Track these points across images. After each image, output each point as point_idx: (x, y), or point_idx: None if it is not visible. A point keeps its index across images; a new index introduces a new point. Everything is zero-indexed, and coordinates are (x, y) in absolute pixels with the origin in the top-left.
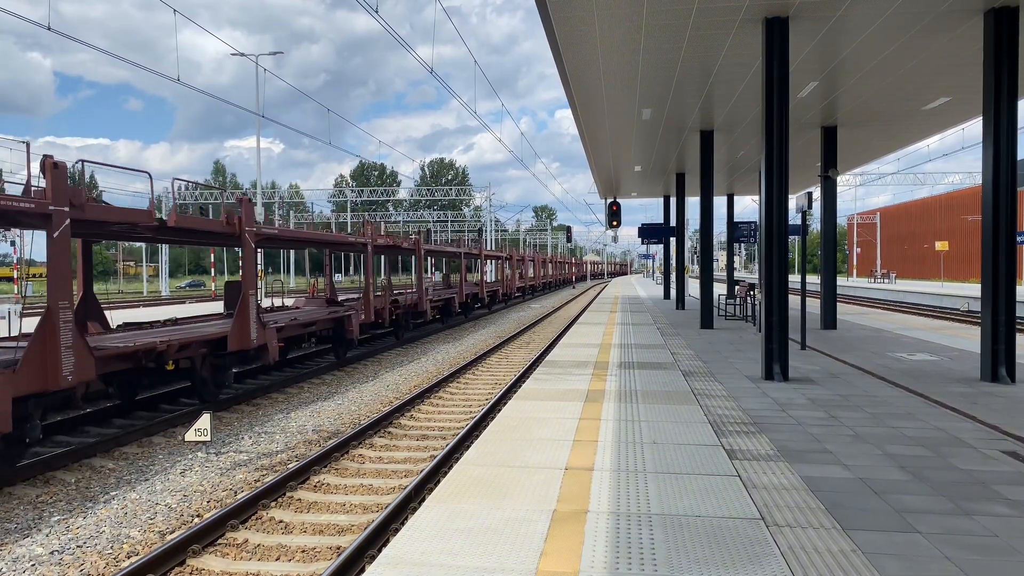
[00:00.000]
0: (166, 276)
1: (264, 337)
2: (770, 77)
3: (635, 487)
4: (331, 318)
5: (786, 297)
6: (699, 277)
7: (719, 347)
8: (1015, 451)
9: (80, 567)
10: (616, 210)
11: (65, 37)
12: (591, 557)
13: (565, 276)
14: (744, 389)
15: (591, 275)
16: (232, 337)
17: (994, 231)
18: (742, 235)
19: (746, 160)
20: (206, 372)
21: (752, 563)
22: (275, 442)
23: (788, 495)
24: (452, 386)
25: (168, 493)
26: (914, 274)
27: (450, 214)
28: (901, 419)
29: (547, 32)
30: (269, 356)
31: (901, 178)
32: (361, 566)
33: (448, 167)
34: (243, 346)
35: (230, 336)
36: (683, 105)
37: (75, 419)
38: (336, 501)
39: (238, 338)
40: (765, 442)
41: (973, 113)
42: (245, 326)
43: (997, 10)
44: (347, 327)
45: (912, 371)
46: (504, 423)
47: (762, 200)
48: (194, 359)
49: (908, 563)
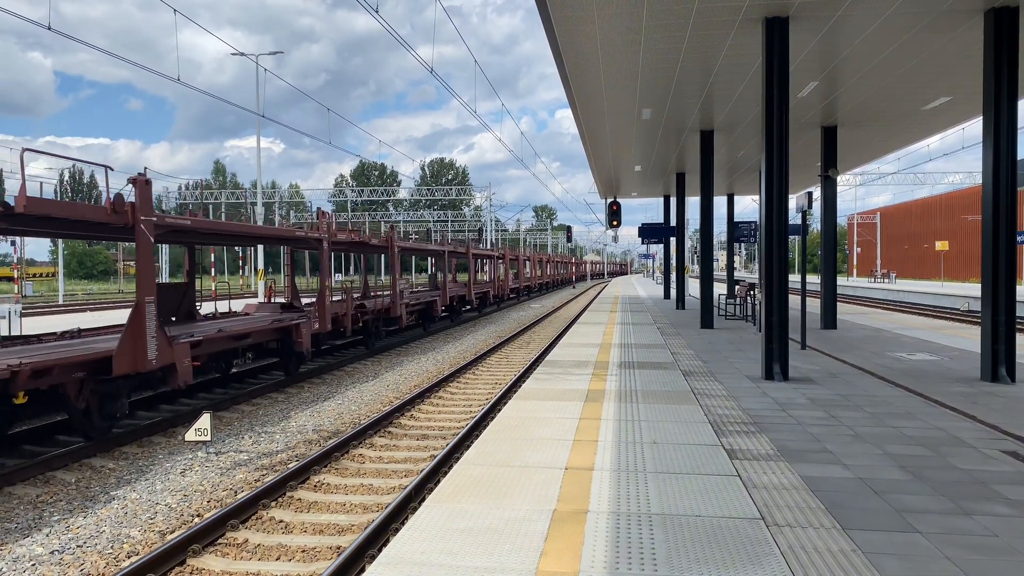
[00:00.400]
0: (166, 276)
1: (171, 355)
2: (770, 77)
3: (635, 487)
4: (273, 328)
5: (786, 297)
6: (699, 277)
7: (719, 347)
8: (1015, 451)
9: (80, 567)
10: (616, 210)
11: (65, 37)
12: (591, 557)
13: (565, 276)
14: (744, 389)
15: (591, 275)
16: (119, 357)
17: (994, 231)
18: (742, 235)
19: (746, 160)
20: (88, 402)
21: (752, 563)
22: (275, 442)
23: (788, 495)
24: (452, 386)
25: (168, 493)
26: (914, 274)
27: (450, 214)
28: (901, 419)
29: (547, 32)
30: (178, 378)
31: (901, 178)
32: (361, 566)
33: (448, 167)
34: (136, 368)
35: (116, 356)
36: (683, 105)
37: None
38: (336, 501)
39: (129, 358)
40: (765, 442)
41: (973, 113)
42: (139, 342)
43: (997, 10)
44: (295, 338)
45: (912, 371)
46: (504, 423)
47: (762, 200)
48: (65, 387)
49: (908, 563)
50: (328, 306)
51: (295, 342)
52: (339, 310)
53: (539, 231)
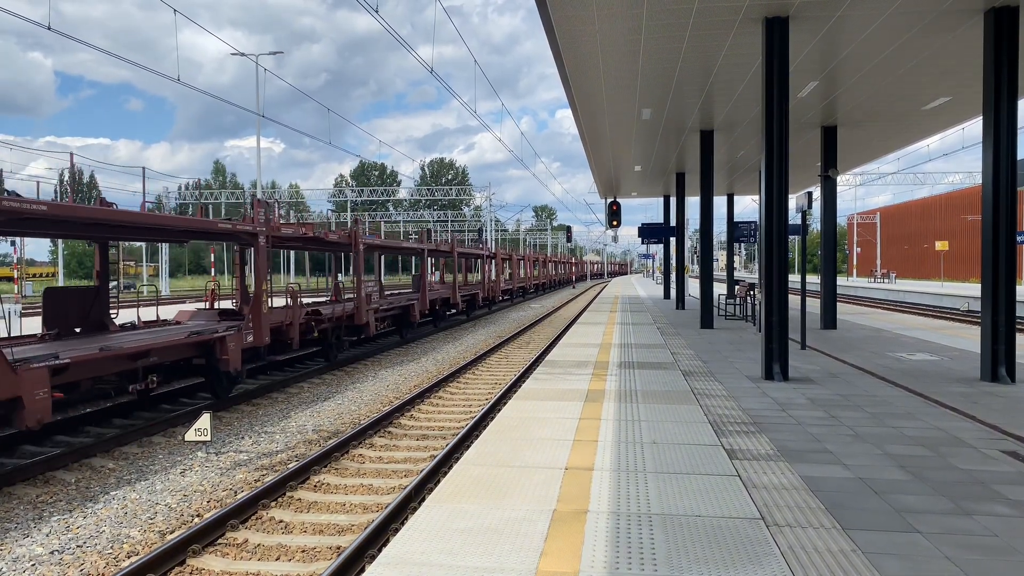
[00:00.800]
0: (166, 276)
1: (16, 385)
2: (770, 77)
3: (635, 487)
4: (189, 343)
5: (786, 297)
6: (699, 277)
7: (719, 347)
8: (1015, 451)
9: (80, 567)
10: (616, 210)
11: (65, 37)
12: (591, 557)
13: (564, 276)
14: (744, 389)
15: (591, 275)
16: None
17: (994, 231)
18: (742, 235)
19: (746, 160)
20: None
21: (752, 563)
22: (275, 442)
23: (788, 495)
24: (452, 386)
25: (168, 493)
26: (914, 274)
27: (450, 214)
28: (901, 419)
29: (547, 32)
30: (27, 416)
31: (901, 178)
32: (361, 566)
33: (448, 167)
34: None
35: None
36: (683, 105)
37: (74, 419)
38: (336, 501)
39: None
40: (765, 442)
41: (973, 113)
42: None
43: (997, 10)
44: (218, 354)
45: (912, 371)
46: (504, 423)
47: (762, 200)
48: None
49: (908, 563)
50: (265, 315)
51: (219, 359)
52: (282, 319)
53: (539, 231)
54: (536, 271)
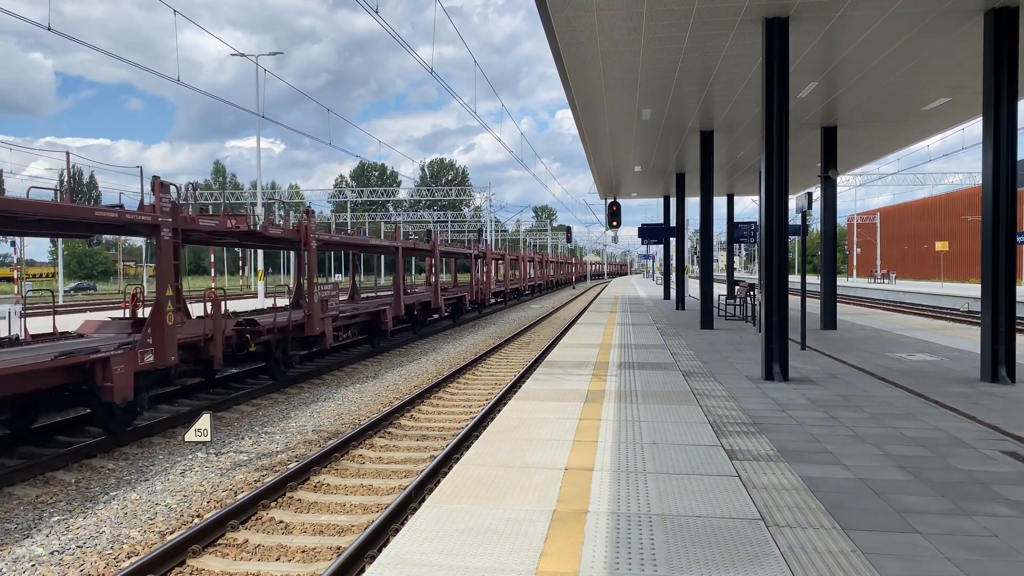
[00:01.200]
0: None
1: None
2: (770, 77)
3: (635, 487)
4: (56, 366)
5: (786, 297)
6: (699, 277)
7: (719, 347)
8: (1015, 451)
9: (80, 567)
10: (616, 210)
11: (65, 37)
12: (591, 557)
13: (564, 277)
14: (744, 389)
15: (591, 275)
16: None
17: (994, 231)
18: (742, 235)
19: (746, 160)
20: None
21: (752, 563)
22: (275, 442)
23: (788, 495)
24: (452, 386)
25: (168, 493)
26: (914, 274)
27: (450, 214)
28: (901, 419)
29: (547, 33)
30: None
31: (901, 178)
32: (361, 566)
33: (448, 167)
34: None
35: None
36: (683, 105)
37: (74, 419)
38: (336, 501)
39: None
40: (765, 442)
41: (973, 113)
42: None
43: (997, 10)
44: (99, 381)
45: (912, 371)
46: (504, 423)
47: (762, 200)
48: None
49: (908, 563)
50: (170, 327)
51: (101, 388)
52: (193, 332)
53: (539, 232)
54: (534, 271)
